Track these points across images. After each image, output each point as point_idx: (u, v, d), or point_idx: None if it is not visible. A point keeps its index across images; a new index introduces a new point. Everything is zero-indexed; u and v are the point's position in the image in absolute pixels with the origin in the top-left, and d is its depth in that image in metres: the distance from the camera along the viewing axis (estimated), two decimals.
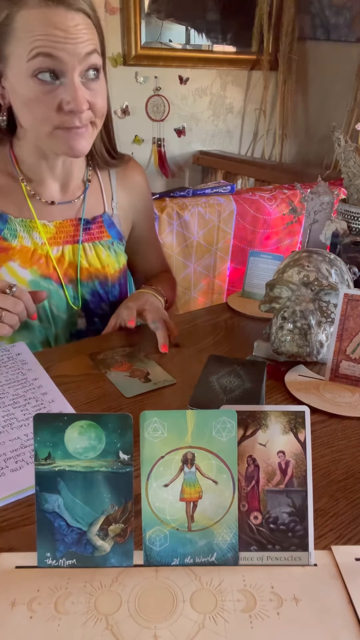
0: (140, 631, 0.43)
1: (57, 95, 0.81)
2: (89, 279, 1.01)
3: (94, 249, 1.01)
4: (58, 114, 0.83)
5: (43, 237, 0.96)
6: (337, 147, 1.06)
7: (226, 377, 0.68)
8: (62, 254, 0.98)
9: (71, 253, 0.99)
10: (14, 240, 0.95)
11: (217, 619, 0.44)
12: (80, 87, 0.82)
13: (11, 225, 0.95)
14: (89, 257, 1.01)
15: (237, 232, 2.03)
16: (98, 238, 1.02)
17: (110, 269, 1.03)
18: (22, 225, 0.95)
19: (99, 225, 1.02)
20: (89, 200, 1.02)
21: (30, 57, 0.79)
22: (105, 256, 1.02)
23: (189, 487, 0.48)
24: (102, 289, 1.03)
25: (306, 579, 0.48)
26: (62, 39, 0.78)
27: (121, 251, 1.06)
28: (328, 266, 0.85)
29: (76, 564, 0.48)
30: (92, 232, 1.01)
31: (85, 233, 1.00)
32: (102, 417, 0.47)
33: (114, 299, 1.06)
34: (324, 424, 0.71)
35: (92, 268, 1.01)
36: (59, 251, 0.98)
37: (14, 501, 0.57)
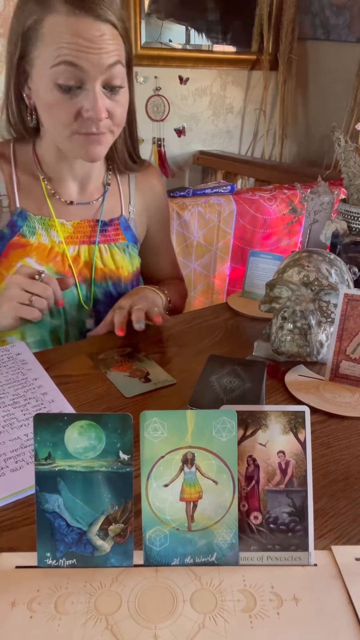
0: (140, 631, 0.43)
1: (77, 102, 0.83)
2: (102, 279, 1.02)
3: (109, 250, 1.03)
4: (77, 120, 0.85)
5: (60, 235, 0.98)
6: (337, 147, 1.06)
7: (226, 377, 0.68)
8: (78, 253, 1.00)
9: (87, 253, 1.00)
10: (32, 237, 0.96)
11: (217, 619, 0.44)
12: (100, 96, 0.83)
13: (30, 222, 0.96)
14: (104, 258, 1.02)
15: (237, 232, 2.02)
16: (114, 240, 1.03)
17: (124, 271, 1.04)
18: (41, 223, 0.97)
19: (116, 228, 1.04)
20: (107, 202, 1.04)
21: (54, 64, 0.80)
22: (120, 258, 1.03)
23: (189, 487, 0.48)
24: (115, 290, 1.04)
25: (306, 579, 0.48)
26: (86, 48, 0.79)
27: (135, 254, 1.07)
28: (328, 266, 0.85)
29: (76, 564, 0.48)
30: (108, 233, 1.03)
31: (102, 234, 1.02)
32: (102, 417, 0.47)
33: None
34: (324, 424, 0.71)
35: (106, 269, 1.02)
36: (75, 250, 0.99)
37: (14, 501, 0.57)
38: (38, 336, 0.98)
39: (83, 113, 0.84)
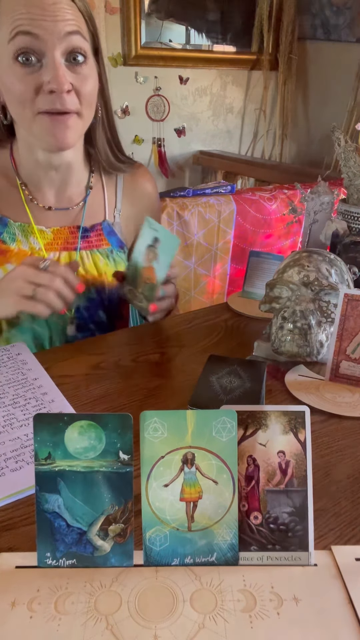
0: (140, 631, 0.43)
1: (37, 77, 0.80)
2: (86, 285, 0.99)
3: (91, 257, 1.00)
4: (39, 95, 0.81)
5: (40, 242, 0.96)
6: (337, 147, 1.06)
7: (226, 377, 0.68)
8: (59, 260, 0.97)
9: (68, 259, 0.98)
10: (12, 244, 0.95)
11: (217, 619, 0.44)
12: (61, 66, 0.80)
13: (10, 228, 0.95)
14: (86, 265, 0.99)
15: (237, 232, 2.03)
16: (97, 246, 1.00)
17: (109, 277, 1.01)
18: (20, 229, 0.95)
19: (98, 234, 1.01)
20: (89, 207, 1.00)
21: (10, 38, 0.78)
22: (103, 264, 1.00)
23: (189, 487, 0.48)
24: (99, 296, 1.01)
25: (306, 579, 0.48)
26: (39, 15, 0.77)
27: (121, 259, 1.03)
28: (328, 266, 0.85)
29: (76, 564, 0.48)
30: (90, 240, 1.00)
31: (83, 241, 0.99)
32: (102, 417, 0.47)
33: (112, 305, 1.04)
34: (324, 424, 0.71)
35: (88, 276, 0.99)
36: (55, 257, 0.97)
37: (14, 501, 0.57)
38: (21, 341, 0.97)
39: (44, 87, 0.80)
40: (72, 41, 0.80)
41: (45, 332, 0.99)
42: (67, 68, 0.81)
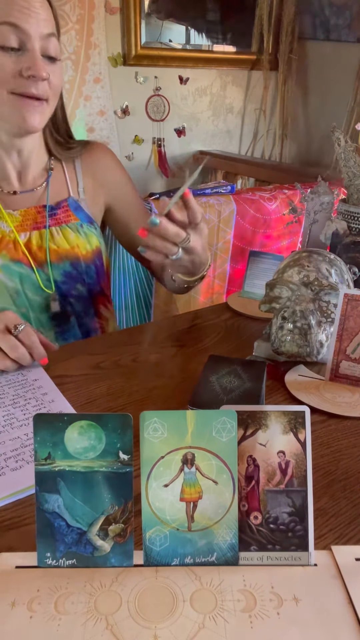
0: (140, 631, 0.43)
1: (18, 63, 0.86)
2: (58, 260, 1.01)
3: (61, 232, 1.02)
4: (17, 78, 0.86)
5: (10, 225, 0.98)
6: (337, 147, 1.06)
7: (226, 377, 0.68)
8: (29, 239, 1.00)
9: (39, 237, 1.00)
10: None
11: (217, 619, 0.44)
12: (40, 58, 0.86)
13: None
14: (57, 240, 1.02)
15: (237, 232, 2.02)
16: (65, 222, 1.03)
17: (82, 250, 1.04)
18: None
19: (65, 210, 1.04)
20: (52, 187, 1.04)
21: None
22: (74, 237, 1.03)
23: (189, 487, 0.48)
24: (75, 269, 1.03)
25: (306, 579, 0.48)
26: (26, 10, 0.84)
27: (93, 233, 1.06)
28: (328, 266, 0.85)
29: (76, 564, 0.48)
30: (58, 217, 1.03)
31: (51, 218, 1.02)
32: (102, 417, 0.47)
33: (91, 280, 1.06)
34: (324, 424, 0.71)
35: (60, 249, 1.02)
36: (26, 237, 1.00)
37: (14, 501, 0.57)
38: None
39: (24, 72, 0.86)
40: (49, 42, 0.88)
41: (27, 313, 1.00)
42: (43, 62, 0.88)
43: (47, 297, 1.01)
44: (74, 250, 1.03)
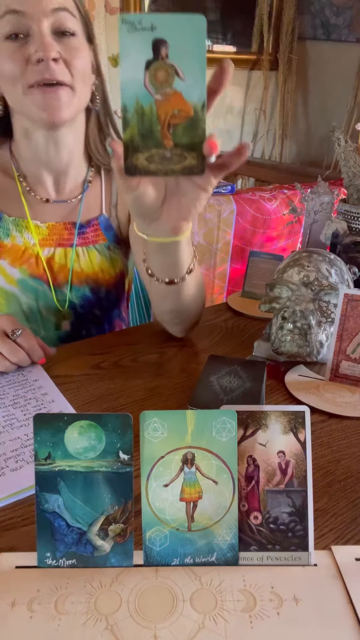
0: (140, 631, 0.43)
1: (25, 50, 0.80)
2: (80, 283, 0.99)
3: (87, 253, 0.99)
4: (27, 67, 0.80)
5: (35, 237, 0.95)
6: (337, 147, 1.06)
7: (226, 377, 0.68)
8: (53, 255, 0.97)
9: (63, 256, 0.97)
10: (6, 239, 0.95)
11: (217, 619, 0.44)
12: (47, 35, 0.80)
13: (4, 224, 0.94)
14: (82, 262, 0.98)
15: (237, 232, 2.02)
16: (93, 242, 0.99)
17: (105, 275, 1.00)
18: (14, 224, 0.95)
19: (95, 229, 1.00)
20: (86, 201, 0.99)
21: (0, 17, 0.80)
22: (100, 261, 0.99)
23: (189, 487, 0.48)
24: (95, 295, 1.00)
25: (306, 579, 0.48)
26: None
27: (118, 256, 1.02)
28: (328, 266, 0.85)
29: (76, 564, 0.48)
30: (87, 236, 0.99)
31: (80, 237, 0.98)
32: (102, 417, 0.47)
33: (109, 305, 1.04)
34: (324, 424, 0.71)
35: (84, 273, 0.99)
36: (50, 252, 0.96)
37: (14, 501, 0.57)
38: None
39: (32, 58, 0.80)
40: (59, 17, 0.81)
41: (38, 330, 0.99)
42: (55, 40, 0.81)
43: (60, 317, 0.99)
44: (97, 275, 0.99)
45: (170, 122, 0.54)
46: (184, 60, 0.52)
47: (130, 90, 0.52)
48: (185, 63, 0.52)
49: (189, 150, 0.55)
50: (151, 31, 0.51)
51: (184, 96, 0.53)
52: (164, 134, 0.54)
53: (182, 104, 0.53)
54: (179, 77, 0.52)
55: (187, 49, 0.51)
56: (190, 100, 0.53)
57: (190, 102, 0.53)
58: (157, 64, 0.52)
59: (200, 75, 0.52)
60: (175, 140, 0.54)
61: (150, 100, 0.53)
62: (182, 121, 0.53)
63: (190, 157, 0.55)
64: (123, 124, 0.54)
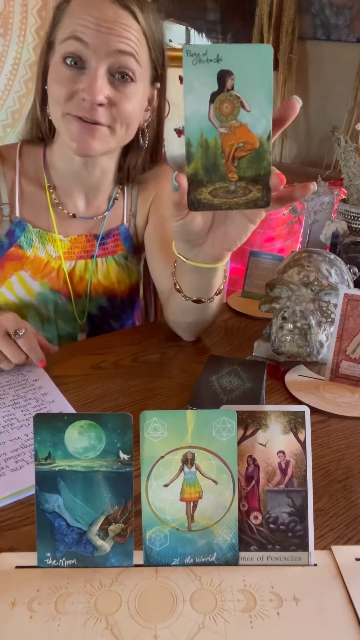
0: (140, 631, 0.43)
1: (77, 81, 0.79)
2: (97, 295, 0.99)
3: (106, 264, 0.99)
4: (72, 98, 0.80)
5: (59, 250, 0.95)
6: (337, 147, 1.06)
7: (226, 377, 0.68)
8: (74, 268, 0.97)
9: (83, 267, 0.97)
10: (29, 250, 0.94)
11: (217, 619, 0.44)
12: (100, 78, 0.78)
13: (28, 234, 0.94)
14: (100, 273, 0.99)
15: None
16: (112, 252, 0.99)
17: (122, 286, 1.01)
18: (38, 235, 0.94)
19: (115, 239, 1.00)
20: (110, 216, 0.99)
21: (64, 39, 0.79)
22: (117, 272, 1.00)
23: (189, 487, 0.48)
24: (110, 304, 1.01)
25: (306, 579, 0.48)
26: (95, 25, 0.76)
27: (134, 267, 1.03)
28: (328, 266, 0.85)
29: (76, 564, 0.48)
30: (107, 246, 0.99)
31: (101, 248, 0.98)
32: (102, 417, 0.47)
33: (124, 315, 1.05)
34: (324, 424, 0.71)
35: (101, 284, 0.99)
36: (71, 266, 0.96)
37: (14, 501, 0.57)
38: None
39: (79, 94, 0.79)
40: (121, 60, 0.79)
41: (54, 338, 0.99)
42: (109, 83, 0.80)
43: (77, 327, 1.00)
44: (114, 286, 1.00)
45: (235, 155, 0.53)
46: (250, 91, 0.51)
47: (194, 124, 0.52)
48: (251, 94, 0.51)
49: (254, 183, 0.54)
50: (217, 62, 0.50)
51: (249, 128, 0.52)
52: (229, 167, 0.53)
53: (248, 136, 0.52)
54: (244, 109, 0.51)
55: (253, 80, 0.50)
56: (256, 131, 0.52)
57: (255, 134, 0.52)
58: (223, 96, 0.51)
59: (266, 106, 0.51)
60: (240, 173, 0.53)
61: (215, 133, 0.52)
62: (247, 153, 0.53)
63: (255, 190, 0.54)
64: (187, 158, 0.53)
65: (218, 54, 0.49)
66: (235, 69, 0.50)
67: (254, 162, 0.53)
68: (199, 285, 0.77)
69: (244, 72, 0.50)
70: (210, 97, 0.51)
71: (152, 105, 0.91)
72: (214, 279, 0.75)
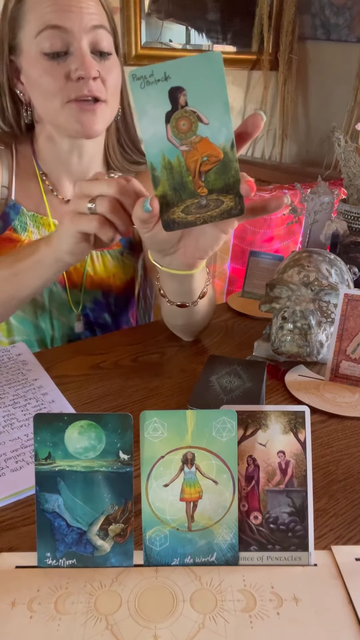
0: (140, 631, 0.43)
1: (65, 66, 0.81)
2: (92, 287, 0.99)
3: (101, 258, 0.99)
4: (67, 84, 0.81)
5: None
6: (337, 147, 1.06)
7: (226, 377, 0.68)
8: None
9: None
10: (23, 233, 0.94)
11: (217, 619, 0.44)
12: (88, 54, 0.81)
13: (22, 217, 0.94)
14: (96, 266, 0.99)
15: (237, 232, 2.02)
16: (107, 247, 0.99)
17: (117, 280, 1.01)
18: (33, 219, 0.95)
19: None
20: None
21: (39, 32, 0.80)
22: (113, 266, 1.00)
23: (189, 487, 0.48)
24: (104, 298, 1.01)
25: (306, 579, 0.48)
26: (66, 7, 0.79)
27: (130, 262, 1.03)
28: (328, 266, 0.85)
29: (76, 564, 0.48)
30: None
31: None
32: (102, 417, 0.47)
33: (118, 311, 1.04)
34: (324, 424, 0.71)
35: (96, 277, 0.99)
36: None
37: (14, 501, 0.57)
38: (24, 335, 0.97)
39: (72, 75, 0.81)
40: (97, 35, 0.82)
41: (48, 330, 0.99)
42: (93, 58, 0.82)
43: (72, 319, 1.00)
44: (109, 280, 1.00)
45: (201, 169, 0.52)
46: (205, 102, 0.49)
47: (154, 147, 0.51)
48: (207, 105, 0.49)
49: (225, 193, 0.53)
50: (165, 81, 0.48)
51: (210, 140, 0.51)
52: (197, 183, 0.52)
53: (211, 149, 0.51)
54: (202, 122, 0.50)
55: (206, 91, 0.49)
56: (218, 142, 0.51)
57: (218, 145, 0.51)
58: (178, 114, 0.50)
59: (224, 115, 0.50)
60: (209, 186, 0.53)
61: (177, 152, 0.51)
62: (212, 166, 0.52)
63: (227, 200, 0.53)
64: (153, 182, 0.53)
65: (165, 72, 0.48)
66: (186, 83, 0.48)
67: (222, 173, 0.52)
68: (179, 290, 0.76)
69: (195, 85, 0.48)
70: (165, 117, 0.50)
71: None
72: (193, 284, 0.74)
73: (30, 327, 0.97)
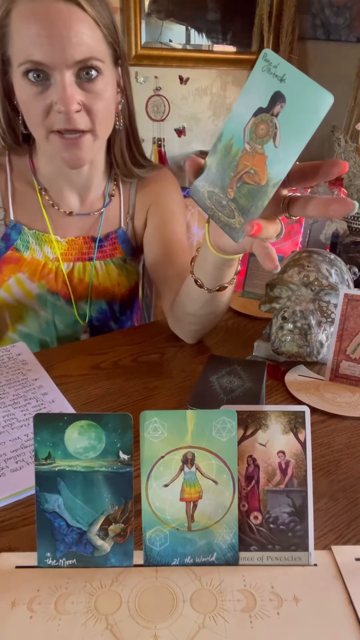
0: (140, 631, 0.43)
1: (47, 96, 0.77)
2: (97, 297, 0.99)
3: (105, 267, 0.99)
4: (49, 115, 0.78)
5: (56, 252, 0.95)
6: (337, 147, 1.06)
7: (226, 377, 0.68)
8: (72, 270, 0.97)
9: (82, 270, 0.97)
10: (25, 252, 0.94)
11: (217, 619, 0.44)
12: (70, 85, 0.76)
13: (24, 236, 0.94)
14: (100, 276, 0.99)
15: None
16: (110, 255, 0.99)
17: (121, 288, 1.01)
18: (34, 237, 0.94)
19: (113, 242, 0.99)
20: (106, 215, 0.99)
21: (20, 63, 0.76)
22: (117, 274, 1.00)
23: (189, 487, 0.48)
24: (110, 307, 1.01)
25: (306, 579, 0.48)
26: (46, 40, 0.73)
27: (133, 268, 1.03)
28: (328, 266, 0.85)
29: (76, 564, 0.48)
30: (105, 249, 0.99)
31: (99, 251, 0.98)
32: (102, 417, 0.47)
33: (124, 317, 1.05)
34: (324, 424, 0.71)
35: (101, 287, 0.99)
36: (69, 267, 0.96)
37: (14, 501, 0.57)
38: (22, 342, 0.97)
39: (54, 107, 0.77)
40: (84, 63, 0.77)
41: (53, 342, 0.99)
42: (77, 85, 0.78)
43: (78, 330, 1.00)
44: (114, 288, 1.00)
45: (243, 177, 0.51)
46: (290, 128, 0.47)
47: (233, 124, 0.51)
48: (288, 132, 0.47)
49: (240, 213, 0.52)
50: (280, 81, 0.47)
51: (266, 162, 0.49)
52: (232, 184, 0.52)
53: (261, 169, 0.49)
54: (274, 141, 0.49)
55: (298, 120, 0.47)
56: (271, 169, 0.49)
57: (268, 172, 0.49)
58: (265, 117, 0.49)
59: (294, 153, 0.48)
60: (235, 195, 0.52)
61: (241, 145, 0.51)
62: (251, 183, 0.50)
63: (237, 220, 0.53)
64: (212, 148, 0.53)
65: (285, 73, 0.46)
66: (291, 97, 0.46)
67: (251, 196, 0.51)
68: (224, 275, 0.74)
69: (295, 106, 0.46)
70: (257, 110, 0.49)
71: (120, 86, 0.90)
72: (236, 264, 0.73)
73: (35, 341, 0.98)
